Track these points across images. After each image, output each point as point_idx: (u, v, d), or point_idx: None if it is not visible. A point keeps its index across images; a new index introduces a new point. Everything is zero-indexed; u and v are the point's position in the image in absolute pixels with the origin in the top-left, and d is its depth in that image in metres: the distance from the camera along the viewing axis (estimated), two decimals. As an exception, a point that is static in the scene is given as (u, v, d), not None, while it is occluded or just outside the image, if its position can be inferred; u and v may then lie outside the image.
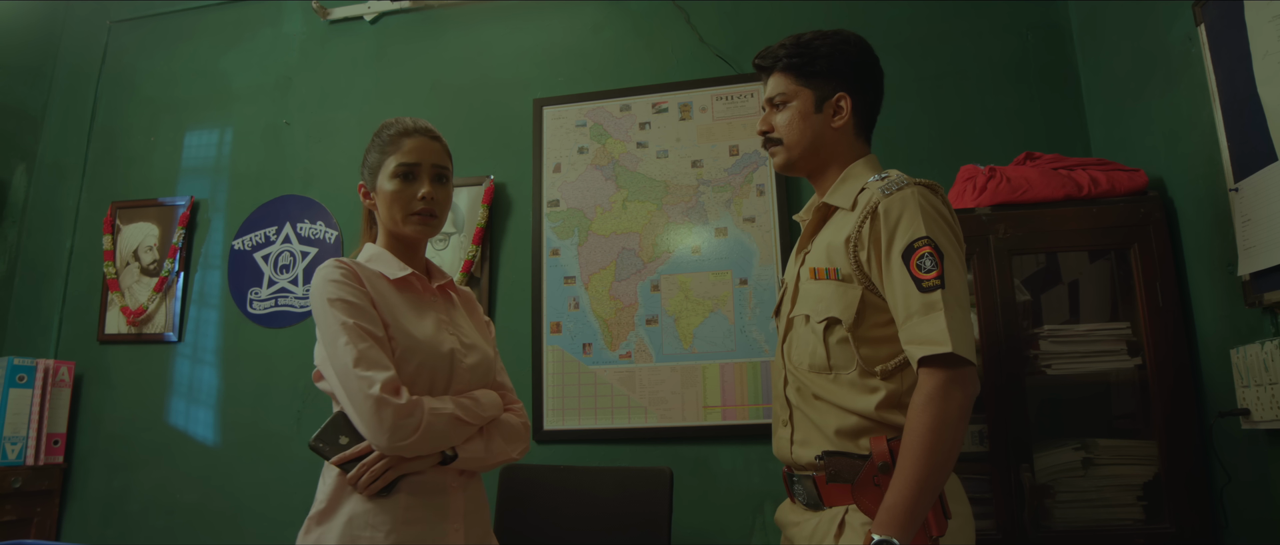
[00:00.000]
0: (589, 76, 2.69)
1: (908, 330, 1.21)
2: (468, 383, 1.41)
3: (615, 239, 2.52)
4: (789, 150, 1.40)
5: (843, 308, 1.28)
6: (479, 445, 1.37)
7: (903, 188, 1.27)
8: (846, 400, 1.27)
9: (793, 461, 1.35)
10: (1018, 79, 2.40)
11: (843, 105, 1.38)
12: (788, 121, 1.40)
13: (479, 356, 1.44)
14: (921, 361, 1.18)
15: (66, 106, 3.13)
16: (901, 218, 1.25)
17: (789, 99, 1.40)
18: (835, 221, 1.37)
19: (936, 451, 1.15)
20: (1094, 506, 1.82)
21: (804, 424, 1.34)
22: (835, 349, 1.29)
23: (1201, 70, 1.70)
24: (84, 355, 2.85)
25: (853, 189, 1.35)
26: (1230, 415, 1.63)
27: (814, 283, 1.33)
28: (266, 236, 2.81)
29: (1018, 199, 1.93)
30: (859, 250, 1.28)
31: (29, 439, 2.58)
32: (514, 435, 1.44)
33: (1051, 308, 2.08)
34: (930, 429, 1.15)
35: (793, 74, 1.39)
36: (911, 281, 1.21)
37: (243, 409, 2.69)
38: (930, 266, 1.21)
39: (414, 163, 1.40)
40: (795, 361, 1.36)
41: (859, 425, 1.26)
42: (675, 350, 2.40)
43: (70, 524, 2.71)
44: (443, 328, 1.42)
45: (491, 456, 1.39)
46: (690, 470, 2.30)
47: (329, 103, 2.89)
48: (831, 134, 1.39)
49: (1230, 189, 1.61)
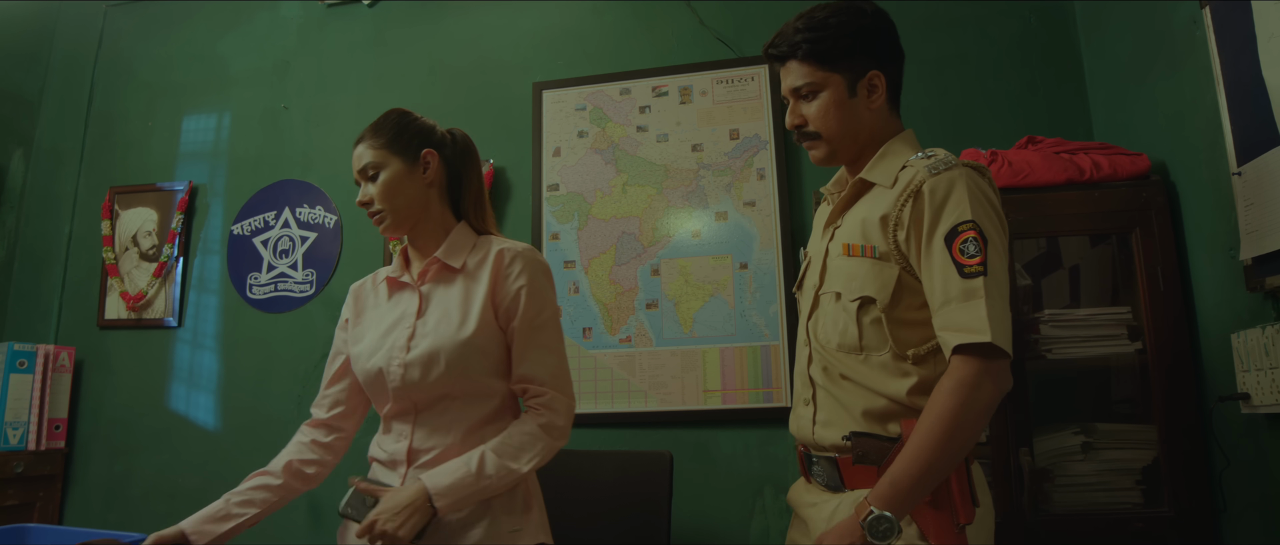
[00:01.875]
0: (588, 60, 2.67)
1: (944, 315, 1.16)
2: (410, 399, 1.36)
3: (615, 223, 2.51)
4: (830, 143, 1.32)
5: (878, 287, 1.22)
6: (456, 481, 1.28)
7: (950, 168, 1.21)
8: (877, 382, 1.22)
9: (813, 441, 1.30)
10: (1020, 62, 2.38)
11: (877, 84, 1.30)
12: (822, 113, 1.30)
13: (419, 368, 1.34)
14: (956, 349, 1.13)
15: (63, 91, 3.12)
16: (947, 199, 1.19)
17: (818, 88, 1.30)
18: (872, 197, 1.29)
19: (954, 440, 1.11)
20: (1093, 490, 1.83)
21: (829, 404, 1.28)
22: (868, 329, 1.23)
23: (1206, 53, 1.69)
24: (84, 340, 2.85)
25: (893, 166, 1.28)
26: (1230, 399, 1.63)
27: (847, 259, 1.27)
28: (265, 221, 2.80)
29: (1019, 183, 1.92)
30: (898, 230, 1.22)
31: (30, 424, 2.58)
32: (517, 450, 1.32)
33: (1052, 292, 2.08)
34: (953, 415, 1.11)
35: (815, 61, 1.29)
36: (953, 266, 1.16)
37: (243, 394, 2.69)
38: (974, 252, 1.15)
39: (357, 173, 1.42)
40: (823, 339, 1.30)
41: (888, 408, 1.21)
42: (675, 334, 2.40)
43: (72, 508, 2.72)
44: (389, 335, 1.40)
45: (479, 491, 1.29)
46: (690, 454, 2.30)
47: (327, 87, 2.87)
48: (870, 116, 1.31)
49: (1233, 173, 1.60)
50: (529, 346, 1.37)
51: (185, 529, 1.35)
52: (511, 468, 1.30)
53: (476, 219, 1.49)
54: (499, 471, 1.29)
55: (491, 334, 1.37)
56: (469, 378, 1.35)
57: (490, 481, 1.28)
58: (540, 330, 1.37)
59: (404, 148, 1.41)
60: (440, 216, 1.45)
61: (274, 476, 1.45)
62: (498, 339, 1.38)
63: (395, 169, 1.39)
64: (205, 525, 1.37)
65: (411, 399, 1.37)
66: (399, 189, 1.39)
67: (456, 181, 1.49)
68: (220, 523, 1.37)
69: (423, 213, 1.43)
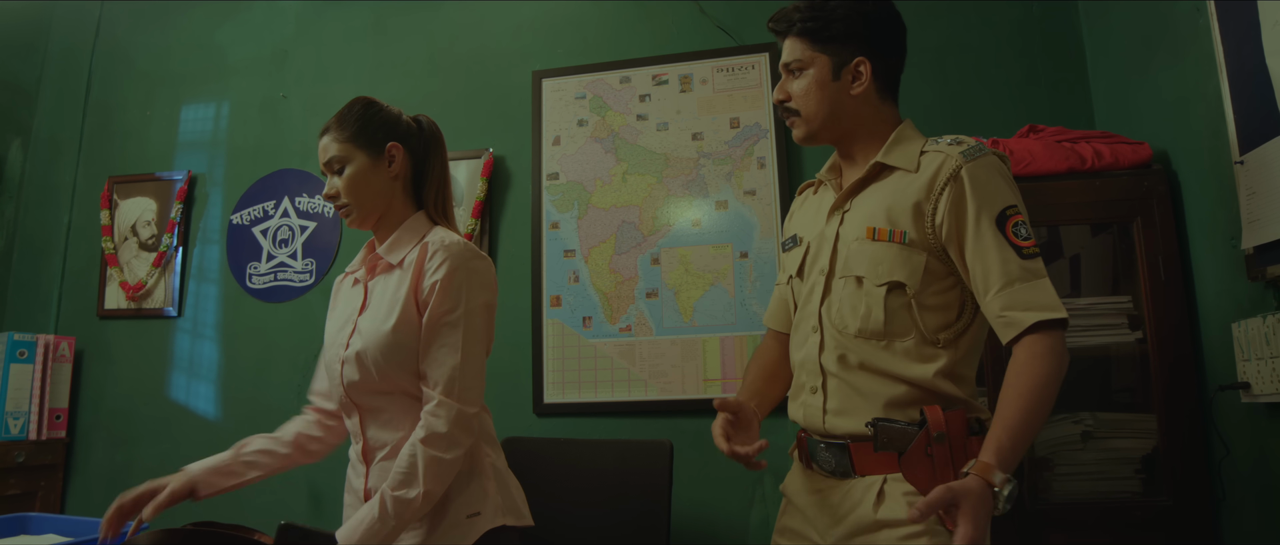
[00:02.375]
0: (588, 48, 2.66)
1: (1009, 296, 1.16)
2: (354, 397, 1.36)
3: (615, 212, 2.51)
4: (808, 122, 1.33)
5: (908, 272, 1.22)
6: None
7: (984, 154, 1.23)
8: (900, 368, 1.22)
9: (823, 430, 1.28)
10: (1021, 51, 2.37)
11: (862, 71, 1.30)
12: (804, 90, 1.32)
13: (353, 366, 1.34)
14: (1035, 325, 1.14)
15: (61, 81, 3.10)
16: (990, 184, 1.21)
17: (805, 66, 1.32)
18: (893, 182, 1.28)
19: (1046, 403, 1.12)
20: (1093, 479, 1.83)
21: (842, 392, 1.26)
22: (896, 314, 1.23)
23: (1209, 41, 1.68)
24: (84, 330, 2.85)
25: (912, 150, 1.29)
26: (1230, 389, 1.63)
27: (871, 244, 1.25)
28: (265, 211, 2.80)
29: (1021, 172, 1.92)
30: (935, 216, 1.22)
31: (31, 414, 2.58)
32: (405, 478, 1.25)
33: (1053, 281, 2.06)
34: (1048, 380, 1.12)
35: (808, 39, 1.31)
36: (1010, 248, 1.17)
37: (243, 384, 2.70)
38: (1027, 235, 1.19)
39: (323, 165, 1.42)
40: (839, 324, 1.28)
41: (910, 395, 1.21)
42: (675, 323, 2.40)
43: (74, 497, 2.73)
44: (340, 333, 1.41)
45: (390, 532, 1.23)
46: (690, 443, 2.31)
47: (326, 76, 2.86)
48: (852, 102, 1.31)
49: (1235, 162, 1.59)
50: (430, 343, 1.31)
51: (195, 480, 1.37)
52: (408, 498, 1.23)
53: (436, 210, 1.46)
54: (398, 507, 1.23)
55: (413, 329, 1.32)
56: (393, 376, 1.31)
57: (397, 520, 1.23)
58: (447, 328, 1.31)
59: (369, 141, 1.39)
60: (402, 208, 1.44)
61: (282, 445, 1.47)
62: (418, 333, 1.33)
63: (360, 163, 1.38)
64: (213, 478, 1.40)
65: (355, 397, 1.36)
66: (364, 183, 1.38)
67: (421, 172, 1.46)
68: (226, 477, 1.41)
69: (387, 205, 1.42)
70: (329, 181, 1.40)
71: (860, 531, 1.21)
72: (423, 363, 1.31)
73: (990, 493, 1.04)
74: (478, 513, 1.32)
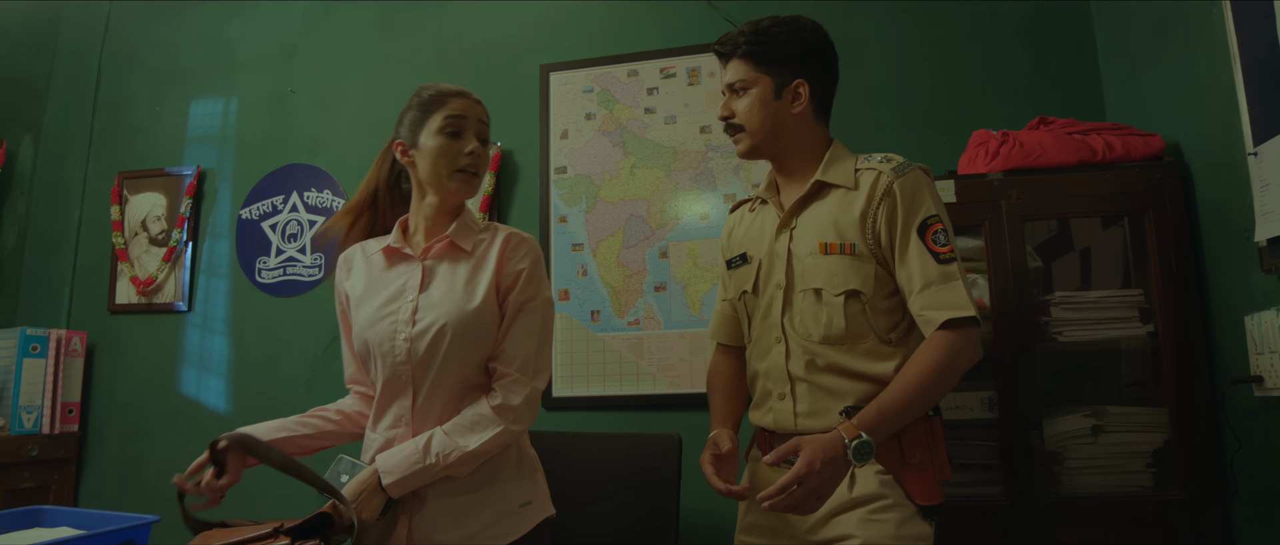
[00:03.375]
0: (596, 41, 2.65)
1: (926, 297, 1.31)
2: (409, 371, 1.36)
3: (623, 205, 2.50)
4: (751, 136, 1.44)
5: (862, 280, 1.36)
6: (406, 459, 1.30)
7: (911, 169, 1.38)
8: (865, 367, 1.34)
9: (795, 431, 1.37)
10: (1032, 42, 2.35)
11: (801, 92, 1.43)
12: (748, 108, 1.43)
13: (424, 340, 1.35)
14: (945, 323, 1.29)
15: (70, 77, 3.12)
16: (914, 197, 1.35)
17: (749, 86, 1.44)
18: (834, 199, 1.41)
19: (935, 387, 1.27)
20: (1103, 473, 1.82)
21: (812, 395, 1.37)
22: (854, 320, 1.36)
23: (1223, 31, 1.66)
24: (95, 325, 2.87)
25: (847, 168, 1.42)
26: (1243, 382, 1.62)
27: (824, 257, 1.38)
28: (273, 206, 2.81)
29: (1031, 164, 1.90)
30: (877, 227, 1.36)
31: (44, 408, 2.60)
32: (467, 428, 1.32)
33: (1063, 274, 2.06)
34: (939, 367, 1.27)
35: (752, 61, 1.43)
36: (929, 254, 1.32)
37: (253, 378, 2.71)
38: (944, 241, 1.33)
39: (460, 117, 1.40)
40: (803, 333, 1.39)
41: (873, 391, 1.32)
42: (684, 317, 2.40)
43: (87, 490, 2.75)
44: (389, 306, 1.39)
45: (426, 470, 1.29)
46: (699, 436, 2.29)
47: (334, 70, 2.87)
48: (791, 119, 1.43)
49: (1249, 153, 1.58)
50: (511, 324, 1.38)
51: (258, 434, 1.39)
52: (459, 445, 1.30)
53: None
54: (446, 449, 1.29)
55: (494, 314, 1.38)
56: (471, 352, 1.36)
57: (437, 461, 1.29)
58: (527, 313, 1.39)
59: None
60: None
61: (331, 419, 1.50)
62: (499, 318, 1.39)
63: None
64: (276, 435, 1.43)
65: (416, 372, 1.36)
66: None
67: None
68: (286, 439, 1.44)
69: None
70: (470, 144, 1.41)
71: (835, 512, 1.32)
72: (502, 342, 1.38)
73: (840, 443, 1.20)
74: (530, 502, 1.40)
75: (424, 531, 1.32)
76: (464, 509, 1.33)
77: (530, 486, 1.42)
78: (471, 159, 1.40)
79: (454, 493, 1.34)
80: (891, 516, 1.28)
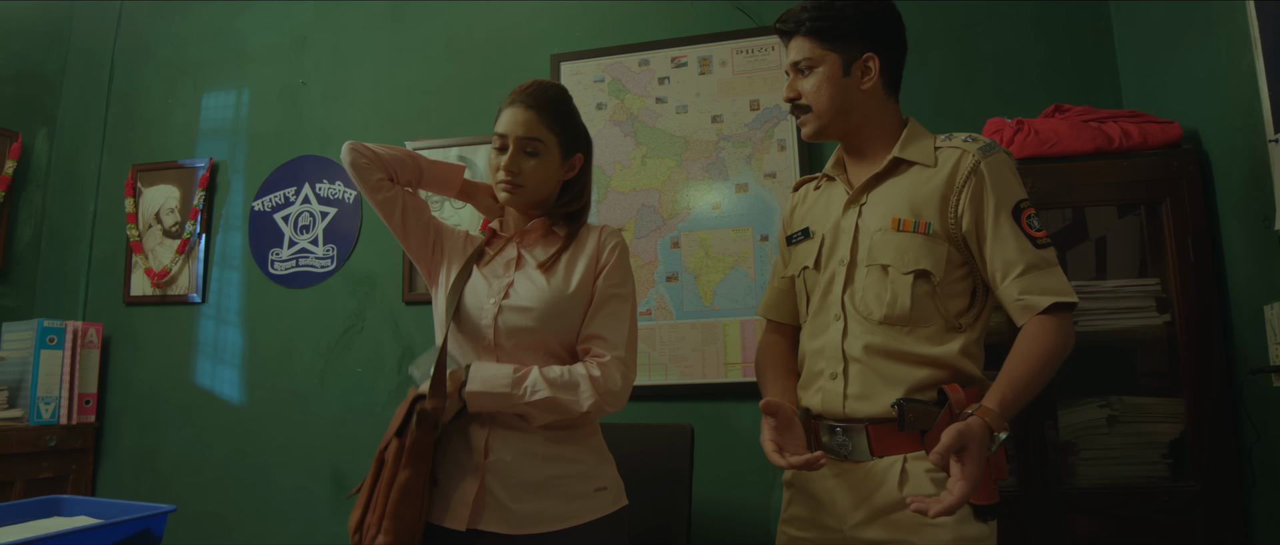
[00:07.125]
0: (606, 31, 2.64)
1: (1027, 281, 1.26)
2: (497, 346, 1.40)
3: (635, 195, 2.50)
4: (820, 117, 1.38)
5: (933, 261, 1.30)
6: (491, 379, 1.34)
7: (998, 151, 1.32)
8: (926, 349, 1.28)
9: (842, 414, 1.31)
10: (1047, 29, 2.32)
11: (871, 67, 1.36)
12: (815, 87, 1.37)
13: (517, 315, 1.40)
14: (1051, 307, 1.24)
15: (84, 70, 3.13)
16: (1005, 178, 1.30)
17: (815, 64, 1.36)
18: (910, 176, 1.34)
19: (1049, 370, 1.21)
20: (1118, 464, 1.81)
21: (865, 377, 1.30)
22: (920, 301, 1.30)
23: (1243, 16, 1.64)
24: (111, 317, 2.90)
25: (927, 146, 1.35)
26: (1262, 372, 1.61)
27: (896, 234, 1.31)
28: (286, 197, 2.82)
29: (1046, 152, 1.88)
30: (958, 207, 1.30)
31: (62, 398, 2.63)
32: (562, 382, 1.35)
33: (1078, 264, 2.04)
34: (1054, 350, 1.21)
35: (817, 38, 1.36)
36: (1026, 238, 1.27)
37: (267, 369, 2.73)
38: (1040, 226, 1.29)
39: (503, 134, 1.45)
40: (864, 311, 1.33)
41: (932, 377, 1.27)
42: (695, 307, 2.39)
43: (104, 480, 2.78)
44: (490, 282, 1.45)
45: (507, 398, 1.33)
46: (711, 427, 2.31)
47: (345, 62, 2.87)
48: (861, 96, 1.36)
49: (1270, 140, 1.56)
50: (602, 308, 1.43)
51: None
52: (547, 389, 1.33)
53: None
54: (535, 386, 1.33)
55: (586, 299, 1.43)
56: (555, 328, 1.40)
57: (523, 395, 1.32)
58: (618, 300, 1.44)
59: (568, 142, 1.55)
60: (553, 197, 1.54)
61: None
62: (587, 306, 1.44)
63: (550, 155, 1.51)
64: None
65: (507, 343, 1.40)
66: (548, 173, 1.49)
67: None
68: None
69: (551, 192, 1.52)
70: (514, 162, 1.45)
71: (885, 512, 1.25)
72: (592, 324, 1.42)
73: (990, 436, 1.12)
74: (605, 487, 1.43)
75: (497, 496, 1.34)
76: (540, 482, 1.36)
77: (607, 473, 1.45)
78: (505, 175, 1.44)
79: (532, 460, 1.36)
80: (947, 518, 1.18)
